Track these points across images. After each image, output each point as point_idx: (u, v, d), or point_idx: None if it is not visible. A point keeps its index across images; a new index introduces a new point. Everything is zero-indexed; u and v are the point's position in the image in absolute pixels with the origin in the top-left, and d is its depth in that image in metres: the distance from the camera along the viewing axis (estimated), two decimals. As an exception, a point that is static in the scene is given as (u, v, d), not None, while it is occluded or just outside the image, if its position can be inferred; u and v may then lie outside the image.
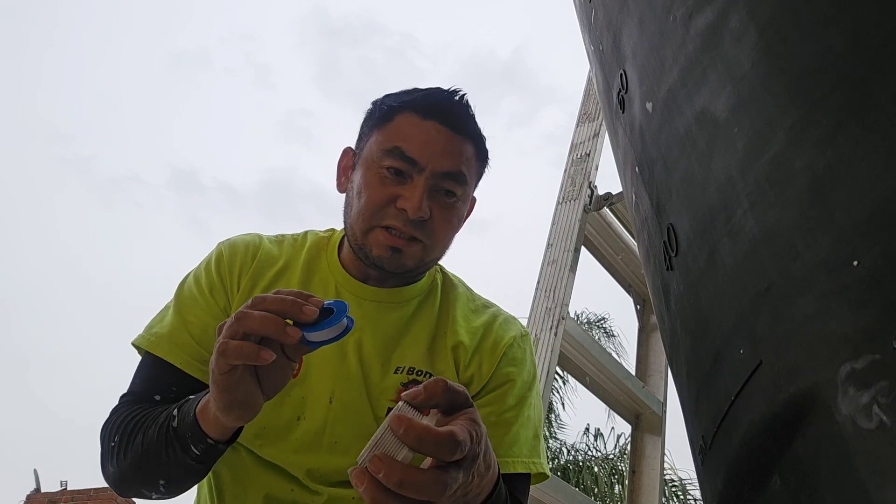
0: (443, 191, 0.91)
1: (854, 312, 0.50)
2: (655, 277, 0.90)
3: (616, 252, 2.87)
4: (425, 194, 0.88)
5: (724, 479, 0.68)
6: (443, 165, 0.89)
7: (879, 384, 0.46)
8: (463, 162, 0.92)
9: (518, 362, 0.97)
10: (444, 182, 0.90)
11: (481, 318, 1.00)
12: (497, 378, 0.95)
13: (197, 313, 0.93)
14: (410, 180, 0.89)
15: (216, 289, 0.95)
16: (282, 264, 0.98)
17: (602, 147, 2.82)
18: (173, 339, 0.92)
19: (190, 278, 0.99)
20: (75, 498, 9.04)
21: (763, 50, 0.63)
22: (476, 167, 0.96)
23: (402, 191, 0.88)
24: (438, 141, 0.90)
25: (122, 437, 0.83)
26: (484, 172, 1.00)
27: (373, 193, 0.89)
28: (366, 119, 0.97)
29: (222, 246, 0.99)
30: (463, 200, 0.94)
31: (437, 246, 0.93)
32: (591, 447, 10.47)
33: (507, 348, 0.97)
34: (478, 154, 0.96)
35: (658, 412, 2.64)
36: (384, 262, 0.90)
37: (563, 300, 2.38)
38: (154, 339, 0.92)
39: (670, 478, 9.39)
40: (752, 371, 0.60)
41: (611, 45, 1.03)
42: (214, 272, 0.96)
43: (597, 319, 11.11)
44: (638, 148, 0.92)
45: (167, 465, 0.78)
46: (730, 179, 0.66)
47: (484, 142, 0.97)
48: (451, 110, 0.92)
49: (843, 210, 0.52)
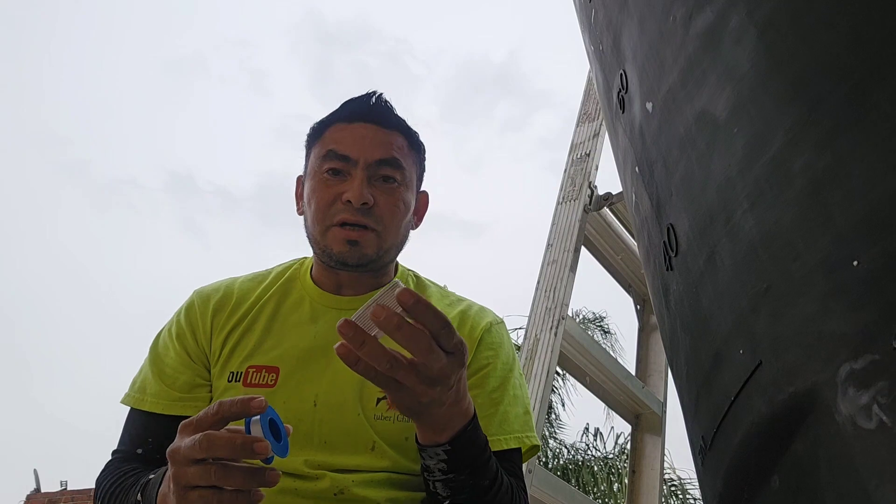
0: (381, 177, 0.97)
1: (853, 312, 0.50)
2: (655, 277, 0.90)
3: (616, 252, 2.87)
4: (364, 183, 0.95)
5: (724, 479, 0.68)
6: (375, 154, 0.97)
7: (879, 384, 0.46)
8: (395, 149, 0.99)
9: (495, 346, 1.02)
10: (379, 169, 0.97)
11: (456, 310, 1.05)
12: (477, 362, 0.99)
13: (169, 362, 1.00)
14: (349, 176, 0.96)
15: (184, 336, 1.01)
16: (255, 296, 1.03)
17: (602, 147, 2.82)
18: (150, 391, 0.99)
19: (164, 330, 1.05)
20: (75, 498, 9.04)
21: (762, 51, 0.64)
22: (411, 156, 1.02)
23: (344, 186, 0.96)
24: (367, 136, 0.98)
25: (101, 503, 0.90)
26: (424, 166, 1.06)
27: (320, 196, 0.97)
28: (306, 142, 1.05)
29: (193, 295, 1.06)
30: (405, 185, 0.99)
31: (390, 231, 0.98)
32: (591, 446, 10.48)
33: (483, 333, 1.01)
34: (410, 144, 1.02)
35: (658, 412, 2.64)
36: (346, 257, 0.95)
37: (563, 300, 2.38)
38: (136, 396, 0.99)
39: (669, 477, 9.40)
40: (752, 371, 0.60)
41: (611, 46, 1.03)
42: (184, 321, 1.02)
43: (595, 318, 11.12)
44: (638, 148, 0.92)
45: None
46: (729, 180, 0.66)
47: (414, 134, 1.03)
48: (373, 110, 1.00)
49: (842, 210, 0.52)
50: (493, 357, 1.01)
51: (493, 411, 0.97)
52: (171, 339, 1.02)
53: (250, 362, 0.97)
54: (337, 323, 0.64)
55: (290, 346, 0.98)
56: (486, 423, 0.92)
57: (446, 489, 0.80)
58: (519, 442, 0.97)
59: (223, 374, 0.98)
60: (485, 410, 0.95)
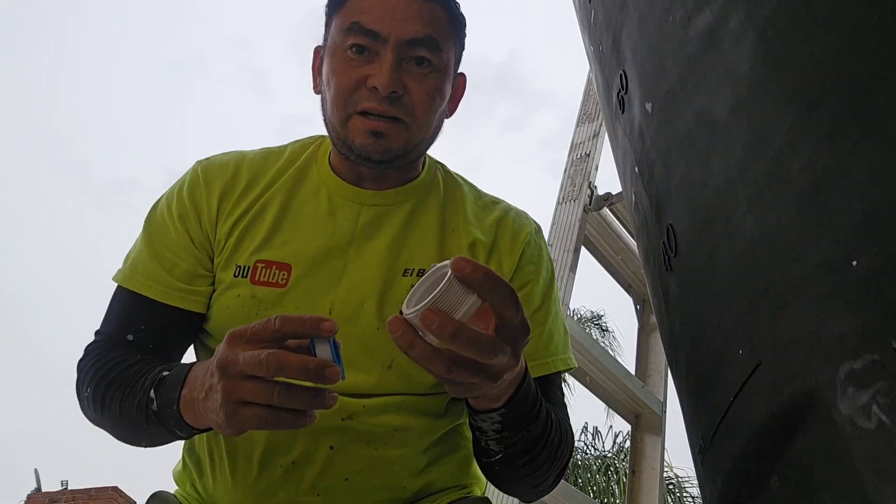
0: (413, 60, 0.82)
1: (853, 313, 0.50)
2: (655, 278, 0.90)
3: (616, 252, 2.87)
4: (394, 67, 0.81)
5: (723, 479, 0.68)
6: (407, 32, 0.81)
7: (878, 384, 0.46)
8: (431, 26, 0.83)
9: (537, 259, 0.93)
10: (412, 50, 0.82)
11: (493, 215, 0.95)
12: (520, 277, 0.90)
13: (168, 243, 0.89)
14: (377, 56, 0.82)
15: (187, 217, 0.89)
16: (268, 179, 0.91)
17: (602, 147, 2.82)
18: (145, 271, 0.88)
19: (162, 202, 0.93)
20: (76, 497, 9.04)
21: (762, 51, 0.64)
22: (450, 32, 0.86)
23: (371, 69, 0.81)
24: (399, 7, 0.82)
25: (95, 392, 0.81)
26: (464, 42, 0.91)
27: (340, 79, 0.83)
28: (326, 7, 0.90)
29: (198, 166, 0.93)
30: (440, 70, 0.85)
31: (422, 124, 0.84)
32: (590, 445, 10.49)
33: (525, 245, 0.92)
34: (449, 17, 0.86)
35: (658, 412, 2.64)
36: (369, 151, 0.83)
37: (563, 300, 2.38)
38: (127, 273, 0.89)
39: (666, 475, 9.39)
40: (751, 371, 0.60)
41: (611, 46, 1.03)
42: (188, 199, 0.90)
43: (592, 316, 11.12)
44: (637, 148, 0.92)
45: (149, 435, 0.77)
46: (729, 180, 0.66)
47: (455, 5, 0.88)
48: None
49: (841, 211, 0.52)
50: (535, 273, 0.91)
51: (539, 332, 0.89)
52: (171, 217, 0.89)
53: (259, 256, 0.86)
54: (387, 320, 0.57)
55: (304, 242, 0.87)
56: (531, 346, 0.85)
57: (500, 445, 0.75)
58: (565, 364, 0.92)
59: (228, 267, 0.87)
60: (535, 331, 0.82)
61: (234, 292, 0.86)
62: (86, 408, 0.84)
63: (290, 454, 0.82)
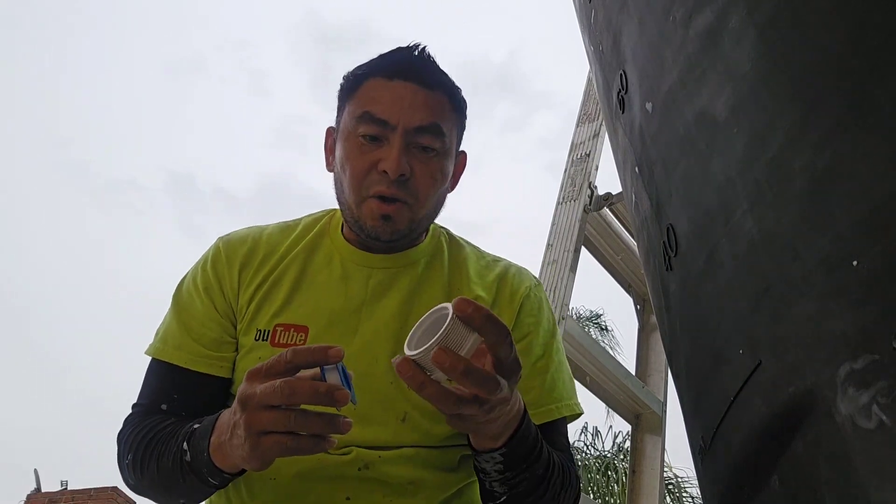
0: (419, 147, 0.90)
1: (853, 312, 0.50)
2: (655, 278, 0.90)
3: (616, 252, 2.87)
4: (402, 152, 0.88)
5: (723, 478, 0.68)
6: (414, 120, 0.89)
7: (879, 384, 0.46)
8: (436, 114, 0.91)
9: (536, 311, 0.98)
10: (419, 137, 0.90)
11: (494, 272, 1.01)
12: (520, 330, 0.96)
13: (195, 314, 0.95)
14: (387, 142, 0.89)
15: (212, 289, 0.96)
16: (283, 249, 0.99)
17: (602, 147, 2.82)
18: (174, 342, 0.94)
19: (188, 278, 1.00)
20: (75, 498, 9.05)
21: (762, 50, 0.64)
22: (453, 118, 0.94)
23: (381, 154, 0.89)
24: (406, 97, 0.90)
25: (135, 456, 0.86)
26: (465, 124, 0.99)
27: (354, 164, 0.90)
28: (339, 93, 0.97)
29: (220, 243, 1.00)
30: (443, 154, 0.93)
31: (424, 203, 0.92)
32: (590, 446, 10.49)
33: (524, 299, 0.98)
34: (452, 105, 0.94)
35: (658, 412, 2.64)
36: (378, 232, 0.91)
37: (564, 300, 2.38)
38: (158, 346, 0.95)
39: (666, 475, 9.38)
40: (752, 371, 0.60)
41: (611, 46, 1.03)
42: (211, 272, 0.97)
43: (591, 315, 11.12)
44: (638, 148, 0.92)
45: (186, 490, 0.82)
46: (729, 180, 0.66)
47: (457, 91, 0.96)
48: (415, 66, 0.92)
49: (842, 210, 0.52)
50: (535, 324, 0.97)
51: (542, 381, 0.94)
52: (196, 290, 0.97)
53: (278, 320, 0.93)
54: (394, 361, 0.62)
55: (319, 305, 0.94)
56: (535, 395, 0.92)
57: (503, 486, 0.80)
58: (569, 410, 0.95)
59: (250, 331, 0.93)
60: (532, 381, 0.93)
61: (256, 355, 0.91)
62: (128, 476, 0.89)
63: (307, 501, 0.86)
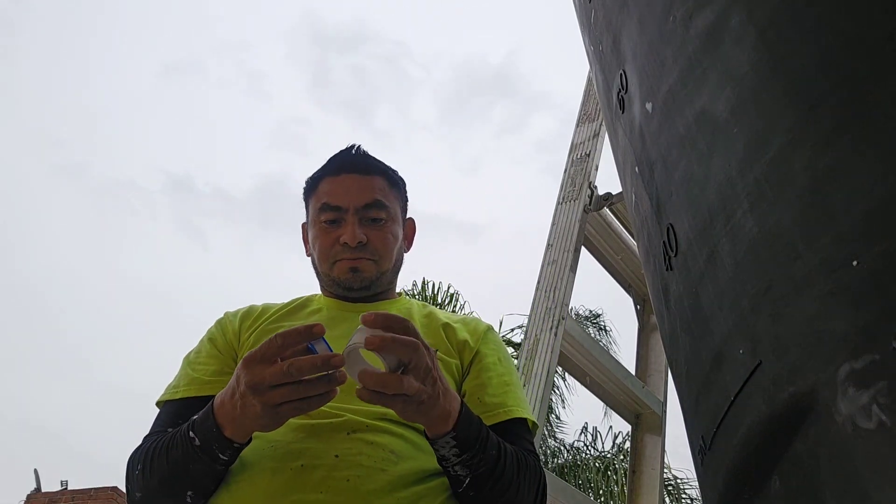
0: (369, 219, 1.16)
1: (854, 312, 0.50)
2: (655, 277, 0.90)
3: (616, 252, 2.87)
4: (356, 226, 1.14)
5: (724, 479, 0.68)
6: (360, 200, 1.16)
7: (879, 384, 0.46)
8: (377, 192, 1.17)
9: (496, 342, 1.20)
10: (367, 212, 1.16)
11: (458, 317, 1.26)
12: (484, 356, 1.15)
13: (199, 359, 1.13)
14: (344, 221, 1.15)
15: (215, 338, 1.15)
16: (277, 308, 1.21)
17: (602, 147, 2.82)
18: (179, 384, 1.10)
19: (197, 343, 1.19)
20: (75, 497, 9.04)
21: (763, 50, 0.64)
22: (392, 193, 1.20)
23: (340, 231, 1.15)
24: (352, 186, 1.17)
25: (144, 464, 0.97)
26: (406, 197, 1.26)
27: (322, 243, 1.17)
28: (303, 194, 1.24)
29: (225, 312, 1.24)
30: (391, 221, 1.18)
31: (385, 257, 1.18)
32: (589, 446, 10.48)
33: (483, 334, 1.20)
34: (390, 183, 1.21)
35: (658, 412, 2.64)
36: (350, 281, 1.15)
37: (564, 300, 2.38)
38: (167, 392, 1.11)
39: (665, 476, 9.35)
40: (752, 371, 0.60)
41: (611, 46, 1.03)
42: (215, 327, 1.18)
43: (590, 315, 11.10)
44: (638, 148, 0.92)
45: (195, 478, 0.93)
46: (729, 180, 0.66)
47: (392, 173, 1.22)
48: (354, 161, 1.20)
49: (842, 210, 0.52)
50: (496, 350, 1.17)
51: (507, 389, 1.12)
52: (201, 343, 1.16)
53: None
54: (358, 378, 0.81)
55: None
56: (501, 398, 1.09)
57: (465, 469, 0.93)
58: (520, 414, 1.09)
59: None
60: (500, 389, 1.11)
61: None
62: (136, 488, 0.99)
63: (301, 459, 0.97)
